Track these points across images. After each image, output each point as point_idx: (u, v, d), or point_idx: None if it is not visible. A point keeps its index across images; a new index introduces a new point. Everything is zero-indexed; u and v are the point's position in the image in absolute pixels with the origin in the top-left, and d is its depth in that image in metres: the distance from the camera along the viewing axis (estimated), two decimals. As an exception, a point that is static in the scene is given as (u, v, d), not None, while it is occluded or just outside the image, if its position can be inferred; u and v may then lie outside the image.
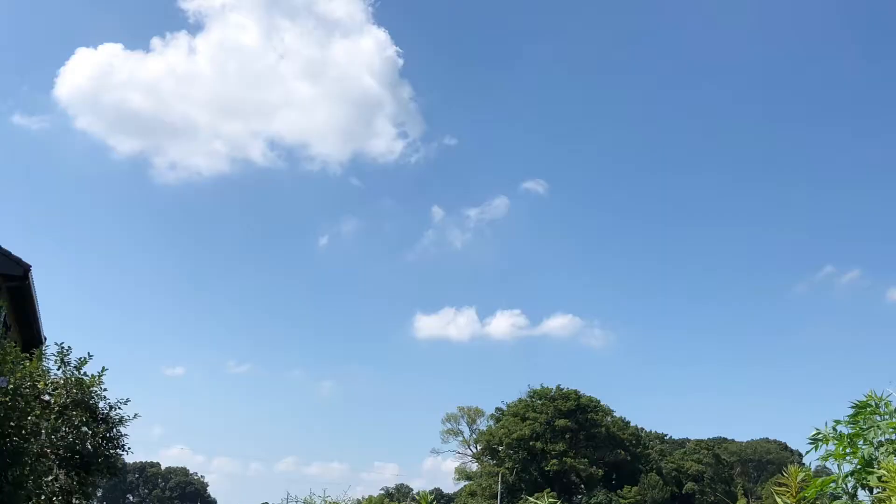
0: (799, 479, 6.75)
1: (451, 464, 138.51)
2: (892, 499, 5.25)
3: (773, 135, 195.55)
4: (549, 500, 9.89)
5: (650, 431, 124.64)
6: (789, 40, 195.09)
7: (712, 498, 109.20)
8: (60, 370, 19.57)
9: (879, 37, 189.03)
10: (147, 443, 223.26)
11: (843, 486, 6.36)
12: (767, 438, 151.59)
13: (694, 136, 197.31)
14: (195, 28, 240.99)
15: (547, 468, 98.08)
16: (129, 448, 20.95)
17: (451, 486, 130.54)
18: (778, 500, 6.81)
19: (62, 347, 19.71)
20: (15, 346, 16.18)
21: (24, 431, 14.99)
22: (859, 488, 6.31)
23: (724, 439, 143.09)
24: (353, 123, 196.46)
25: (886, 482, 5.47)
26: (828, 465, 6.74)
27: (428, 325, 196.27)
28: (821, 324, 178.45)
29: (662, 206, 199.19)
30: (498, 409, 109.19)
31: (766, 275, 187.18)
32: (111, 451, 20.34)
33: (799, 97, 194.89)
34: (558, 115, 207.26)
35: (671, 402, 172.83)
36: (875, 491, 6.15)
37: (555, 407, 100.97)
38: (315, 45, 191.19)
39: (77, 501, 20.06)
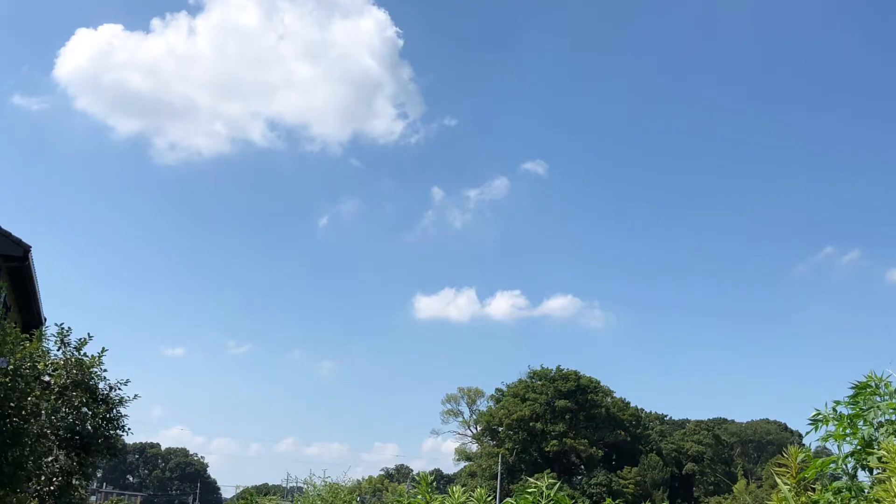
0: (799, 459, 6.74)
1: (451, 444, 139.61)
2: (892, 479, 5.23)
3: (772, 116, 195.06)
4: (550, 480, 9.89)
5: (650, 412, 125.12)
6: (788, 23, 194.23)
7: (712, 478, 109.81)
8: (60, 351, 19.60)
9: (879, 20, 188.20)
10: (147, 423, 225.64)
11: (843, 466, 6.35)
12: (767, 419, 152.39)
13: (693, 117, 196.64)
14: (195, 9, 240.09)
15: (547, 449, 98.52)
16: (128, 429, 21.05)
17: (451, 467, 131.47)
18: (778, 480, 6.80)
19: (62, 328, 19.76)
20: (15, 327, 16.16)
21: (24, 412, 15.01)
22: (859, 469, 6.30)
23: (724, 420, 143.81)
24: (353, 104, 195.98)
25: (886, 463, 5.44)
26: (828, 445, 6.72)
27: (428, 306, 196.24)
28: (821, 304, 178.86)
29: (662, 187, 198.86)
30: (498, 389, 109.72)
31: (766, 256, 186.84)
32: (111, 432, 20.40)
33: (798, 79, 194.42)
34: (558, 96, 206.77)
35: (671, 383, 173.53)
36: (875, 472, 6.13)
37: (555, 388, 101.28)
38: (315, 25, 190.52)
39: (77, 482, 20.12)
